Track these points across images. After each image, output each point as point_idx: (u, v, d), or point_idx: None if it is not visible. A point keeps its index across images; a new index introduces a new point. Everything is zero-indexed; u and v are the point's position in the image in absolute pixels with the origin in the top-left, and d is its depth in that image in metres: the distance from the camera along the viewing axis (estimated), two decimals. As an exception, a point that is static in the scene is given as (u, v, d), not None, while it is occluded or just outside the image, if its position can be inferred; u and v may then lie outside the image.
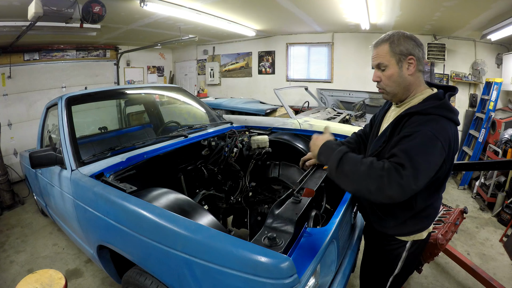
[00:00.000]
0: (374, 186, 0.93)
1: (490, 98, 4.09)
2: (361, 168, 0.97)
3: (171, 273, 1.11)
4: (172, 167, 2.09)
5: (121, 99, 3.35)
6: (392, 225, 1.22)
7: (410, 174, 0.90)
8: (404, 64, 1.12)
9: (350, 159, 1.04)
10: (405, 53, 1.11)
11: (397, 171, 0.91)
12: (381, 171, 0.93)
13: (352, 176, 1.00)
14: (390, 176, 0.91)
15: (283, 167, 2.38)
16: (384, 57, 1.14)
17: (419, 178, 0.92)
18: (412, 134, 0.99)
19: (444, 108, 1.05)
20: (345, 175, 1.03)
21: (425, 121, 1.02)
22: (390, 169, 0.92)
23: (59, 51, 5.54)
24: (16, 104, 4.97)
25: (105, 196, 1.37)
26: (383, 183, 0.91)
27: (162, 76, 8.01)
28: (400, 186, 0.90)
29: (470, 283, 2.24)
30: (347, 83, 5.75)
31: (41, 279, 1.40)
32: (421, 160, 0.93)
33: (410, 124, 1.05)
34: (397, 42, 1.12)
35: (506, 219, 3.10)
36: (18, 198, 4.01)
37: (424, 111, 1.05)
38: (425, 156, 0.94)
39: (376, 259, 1.37)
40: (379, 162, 0.97)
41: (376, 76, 1.20)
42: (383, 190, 0.92)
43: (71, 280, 2.38)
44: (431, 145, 0.96)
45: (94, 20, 3.03)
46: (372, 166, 0.96)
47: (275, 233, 0.99)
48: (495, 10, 3.20)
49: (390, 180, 0.91)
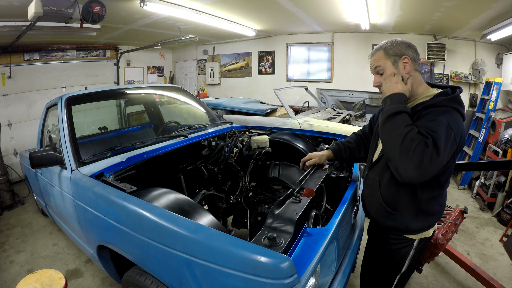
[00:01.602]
0: (403, 150, 1.00)
1: (490, 98, 4.09)
2: (404, 130, 1.02)
3: (171, 273, 1.11)
4: (172, 167, 2.09)
5: (121, 99, 3.35)
6: (401, 221, 1.22)
7: (430, 151, 0.96)
8: (399, 63, 1.18)
9: (400, 119, 1.07)
10: (398, 54, 1.18)
11: (425, 144, 0.97)
12: (417, 141, 0.99)
13: (391, 132, 1.06)
14: (420, 144, 0.97)
15: (283, 167, 2.38)
16: (380, 61, 1.21)
17: (437, 159, 0.97)
18: (432, 121, 1.04)
19: (456, 102, 1.10)
20: (388, 129, 1.08)
21: (441, 112, 1.06)
22: (421, 140, 0.98)
23: (59, 51, 5.54)
24: (16, 104, 4.97)
25: (105, 196, 1.37)
26: (416, 150, 0.97)
27: (162, 76, 8.01)
28: (420, 158, 0.96)
29: (470, 283, 2.24)
30: (347, 83, 5.75)
31: (41, 279, 1.40)
32: (440, 143, 0.98)
33: (427, 114, 1.09)
34: (390, 47, 1.20)
35: (506, 219, 3.10)
36: (18, 198, 4.01)
37: (438, 103, 1.10)
38: (444, 142, 0.99)
39: (382, 258, 1.36)
40: (418, 135, 1.01)
41: (376, 81, 1.24)
42: (413, 158, 0.97)
43: (71, 280, 2.38)
44: (448, 133, 1.01)
45: (94, 20, 3.03)
46: (413, 132, 1.01)
47: (275, 233, 1.00)
48: (495, 10, 3.20)
49: (415, 149, 0.97)
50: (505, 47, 4.56)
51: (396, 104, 1.10)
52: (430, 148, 0.97)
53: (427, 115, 1.09)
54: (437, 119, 1.04)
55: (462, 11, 3.45)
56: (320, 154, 1.64)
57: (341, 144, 1.62)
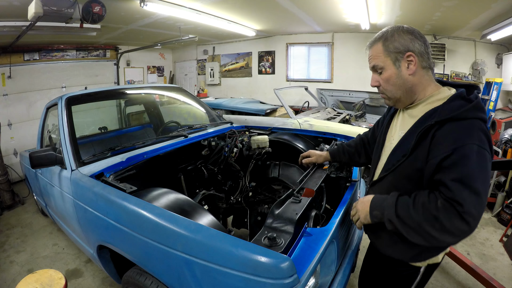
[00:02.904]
0: (435, 230, 0.83)
1: (490, 98, 4.09)
2: (415, 215, 0.86)
3: (171, 273, 1.11)
4: (172, 167, 2.09)
5: (121, 99, 3.35)
6: (407, 249, 1.03)
7: (472, 202, 0.79)
8: (402, 63, 0.97)
9: (402, 205, 0.90)
10: (401, 50, 0.96)
11: (453, 207, 0.80)
12: (436, 211, 0.82)
13: (410, 223, 0.88)
14: (448, 214, 0.80)
15: (283, 167, 2.38)
16: (378, 58, 1.01)
17: (483, 202, 0.81)
18: (457, 154, 0.83)
19: (479, 110, 0.89)
20: (403, 223, 0.89)
21: (465, 130, 0.85)
22: (445, 207, 0.81)
23: (59, 51, 5.54)
24: (16, 104, 4.97)
25: (105, 196, 1.37)
26: (443, 224, 0.81)
27: (162, 76, 8.01)
28: (462, 220, 0.79)
29: (470, 283, 2.24)
30: (347, 83, 5.76)
31: (41, 279, 1.40)
32: (479, 183, 0.80)
33: (445, 136, 0.87)
34: (391, 39, 0.98)
35: (506, 219, 3.10)
36: (18, 198, 4.01)
37: (458, 116, 0.87)
38: (482, 176, 0.82)
39: (383, 283, 1.19)
40: (430, 200, 0.85)
41: (374, 80, 1.06)
42: (447, 230, 0.81)
43: (71, 280, 2.38)
44: (483, 160, 0.83)
45: (94, 20, 3.03)
46: (425, 208, 0.84)
47: (275, 233, 1.00)
48: (495, 10, 3.20)
49: (449, 218, 0.80)
50: (505, 47, 4.56)
51: (385, 207, 0.94)
52: (466, 198, 0.78)
53: (445, 139, 0.86)
54: (462, 145, 0.83)
55: (462, 11, 3.45)
56: (318, 153, 1.62)
57: (341, 147, 1.54)
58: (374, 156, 1.21)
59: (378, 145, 1.19)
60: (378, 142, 1.20)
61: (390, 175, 1.04)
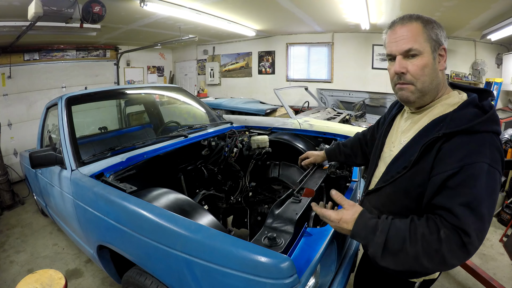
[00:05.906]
0: (432, 263, 0.73)
1: (490, 98, 4.10)
2: (411, 250, 0.74)
3: (171, 273, 1.11)
4: (172, 167, 2.09)
5: (121, 99, 3.35)
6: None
7: (475, 230, 0.70)
8: (437, 55, 0.85)
9: (395, 237, 0.76)
10: (439, 41, 0.84)
11: (459, 236, 0.71)
12: (438, 244, 0.71)
13: (402, 258, 0.76)
14: (451, 245, 0.71)
15: (283, 167, 2.38)
16: (417, 40, 0.83)
17: (485, 229, 0.72)
18: (465, 173, 0.73)
19: (494, 122, 0.79)
20: (394, 256, 0.77)
21: (476, 146, 0.75)
22: (449, 238, 0.71)
23: (59, 51, 5.54)
24: (16, 104, 4.97)
25: (105, 196, 1.37)
26: (444, 256, 0.71)
27: (162, 76, 8.01)
28: (465, 250, 0.71)
29: (470, 283, 2.24)
30: (347, 83, 5.76)
31: (41, 279, 1.40)
32: (485, 208, 0.72)
33: (452, 151, 0.77)
34: (431, 25, 0.84)
35: (506, 219, 3.10)
36: (18, 198, 4.01)
37: (469, 129, 0.77)
38: (490, 200, 0.73)
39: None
40: (430, 230, 0.73)
41: (401, 66, 0.85)
42: (446, 262, 0.73)
43: (71, 280, 2.38)
44: (492, 182, 0.73)
45: (94, 20, 3.03)
46: (425, 240, 0.73)
47: (275, 233, 1.00)
48: (495, 10, 3.20)
49: (451, 249, 0.71)
50: (505, 47, 4.56)
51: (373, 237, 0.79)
52: (470, 224, 0.70)
53: (453, 154, 0.77)
54: (471, 163, 0.73)
55: (462, 11, 3.46)
56: (316, 153, 1.61)
57: (337, 148, 1.50)
58: (371, 162, 1.12)
59: (376, 150, 1.10)
60: (376, 146, 1.11)
61: (388, 187, 0.95)
